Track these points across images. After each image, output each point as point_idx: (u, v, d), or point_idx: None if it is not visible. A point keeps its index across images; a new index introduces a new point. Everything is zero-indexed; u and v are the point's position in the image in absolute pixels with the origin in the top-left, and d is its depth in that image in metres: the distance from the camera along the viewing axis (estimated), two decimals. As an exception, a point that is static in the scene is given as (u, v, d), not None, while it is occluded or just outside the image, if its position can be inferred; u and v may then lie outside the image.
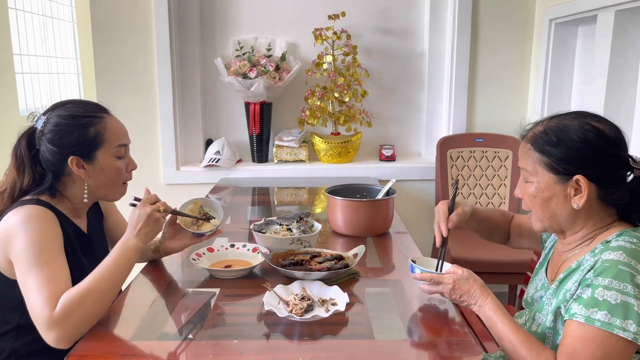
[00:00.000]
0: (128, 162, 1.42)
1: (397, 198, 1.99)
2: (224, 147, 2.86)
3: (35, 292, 1.13)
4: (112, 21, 2.75)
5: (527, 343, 1.05)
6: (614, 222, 1.13)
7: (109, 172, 1.35)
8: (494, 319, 1.11)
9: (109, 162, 1.35)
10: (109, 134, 1.34)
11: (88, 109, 1.34)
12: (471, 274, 1.19)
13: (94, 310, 1.13)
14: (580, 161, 1.08)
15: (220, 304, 1.30)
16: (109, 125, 1.34)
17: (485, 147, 2.86)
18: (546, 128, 1.13)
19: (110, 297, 1.19)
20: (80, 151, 1.30)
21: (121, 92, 2.81)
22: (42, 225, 1.22)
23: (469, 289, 1.16)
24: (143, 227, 1.27)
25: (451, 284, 1.18)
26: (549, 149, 1.10)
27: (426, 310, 1.27)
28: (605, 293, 1.00)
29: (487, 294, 1.16)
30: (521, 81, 2.92)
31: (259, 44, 2.87)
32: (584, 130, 1.08)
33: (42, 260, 1.16)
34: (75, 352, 1.05)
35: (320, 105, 2.81)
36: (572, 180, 1.09)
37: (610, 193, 1.09)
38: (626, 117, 2.14)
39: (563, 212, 1.12)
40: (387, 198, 1.85)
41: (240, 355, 1.06)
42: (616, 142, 1.09)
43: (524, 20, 2.86)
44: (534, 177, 1.13)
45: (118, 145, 1.36)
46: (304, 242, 1.58)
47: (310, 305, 1.23)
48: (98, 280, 1.17)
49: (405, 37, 2.95)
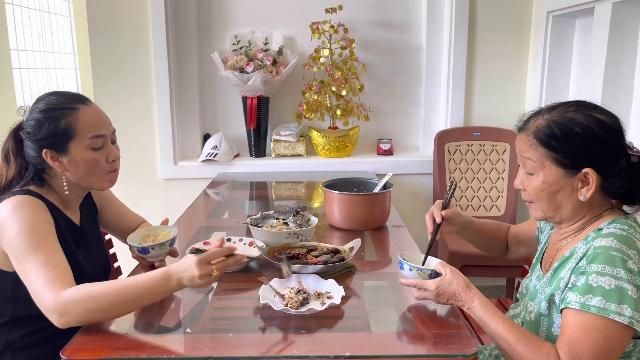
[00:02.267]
0: (108, 153, 1.34)
1: (395, 192, 2.00)
2: (222, 142, 2.85)
3: (34, 276, 1.13)
4: (109, 16, 2.74)
5: (524, 339, 1.04)
6: (606, 210, 1.14)
7: (85, 164, 1.30)
8: (485, 319, 1.10)
9: (83, 155, 1.29)
10: (81, 126, 1.28)
11: (63, 100, 1.30)
12: (454, 276, 1.16)
13: (97, 314, 1.10)
14: (588, 155, 1.08)
15: (216, 297, 1.31)
16: (81, 117, 1.29)
17: (483, 140, 2.85)
18: (550, 122, 1.11)
19: (122, 313, 1.14)
20: (52, 144, 1.27)
21: (118, 87, 2.80)
22: (31, 212, 1.21)
23: (454, 293, 1.15)
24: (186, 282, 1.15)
25: (434, 290, 1.16)
26: (555, 145, 1.10)
27: (422, 303, 1.27)
28: (599, 279, 1.01)
29: (473, 295, 1.13)
30: (519, 74, 2.91)
31: (256, 38, 2.87)
32: (590, 123, 1.08)
33: (36, 245, 1.16)
34: (71, 346, 1.05)
35: (318, 99, 2.80)
36: (581, 174, 1.09)
37: (613, 182, 1.10)
38: (623, 108, 2.14)
39: (569, 204, 1.13)
40: (384, 192, 1.85)
41: (236, 348, 1.06)
42: (618, 132, 1.10)
43: (522, 13, 2.85)
44: (541, 171, 1.12)
45: (92, 136, 1.29)
46: (300, 236, 1.58)
47: (305, 298, 1.23)
48: (121, 292, 1.11)
49: (403, 30, 2.94)
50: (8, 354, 1.28)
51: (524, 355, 1.02)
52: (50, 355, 1.26)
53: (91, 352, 1.03)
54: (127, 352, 1.03)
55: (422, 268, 1.24)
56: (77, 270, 1.20)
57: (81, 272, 1.28)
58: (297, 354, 1.03)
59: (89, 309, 1.09)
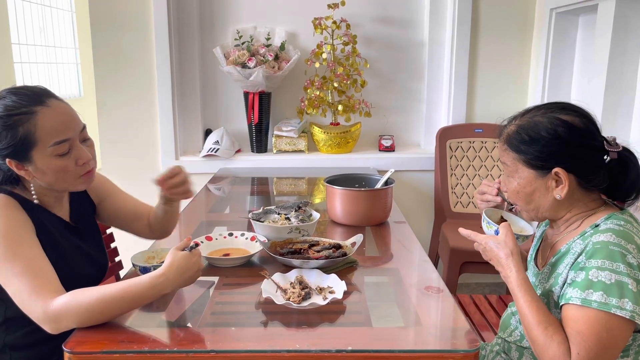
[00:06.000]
0: (77, 156, 1.21)
1: (396, 188, 2.00)
2: (223, 137, 2.85)
3: (16, 285, 1.08)
4: (111, 11, 2.74)
5: (544, 323, 1.04)
6: (600, 206, 1.15)
7: (52, 172, 1.19)
8: (517, 293, 1.10)
9: (47, 163, 1.17)
10: (41, 132, 1.15)
11: (19, 103, 1.15)
12: (504, 241, 1.15)
13: (90, 321, 1.08)
14: (555, 156, 1.11)
15: (218, 292, 1.31)
16: (40, 122, 1.14)
17: (485, 137, 2.85)
18: (518, 127, 1.17)
19: (116, 317, 1.12)
20: (13, 154, 1.15)
21: (120, 82, 2.79)
22: (3, 214, 1.14)
23: (496, 255, 1.16)
24: (189, 279, 1.15)
25: (483, 245, 1.19)
26: (524, 148, 1.14)
27: (424, 299, 1.27)
28: (599, 274, 1.02)
29: (512, 266, 1.12)
30: (521, 71, 2.91)
31: (258, 34, 2.86)
32: (554, 126, 1.12)
33: (12, 253, 1.09)
34: (73, 339, 1.05)
35: (320, 95, 2.80)
36: (552, 173, 1.12)
37: (590, 180, 1.12)
38: (626, 106, 2.14)
39: (546, 203, 1.16)
40: (385, 187, 1.85)
41: (238, 342, 1.06)
42: (586, 132, 1.12)
43: (525, 9, 2.84)
44: (515, 174, 1.18)
45: (54, 143, 1.16)
46: (302, 231, 1.58)
47: (308, 293, 1.23)
48: (109, 299, 1.07)
49: (405, 26, 2.94)
50: (7, 352, 1.25)
51: (539, 338, 1.03)
52: (50, 352, 1.24)
53: (94, 345, 1.03)
54: (130, 345, 1.03)
55: (490, 222, 1.25)
56: (67, 268, 1.16)
57: (73, 268, 1.24)
58: (299, 347, 1.03)
59: (81, 319, 1.06)
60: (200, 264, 1.17)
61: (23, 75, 5.24)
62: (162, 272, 1.11)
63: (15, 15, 5.02)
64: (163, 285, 1.10)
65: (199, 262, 1.17)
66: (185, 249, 1.17)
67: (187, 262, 1.13)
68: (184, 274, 1.13)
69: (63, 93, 5.56)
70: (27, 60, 5.23)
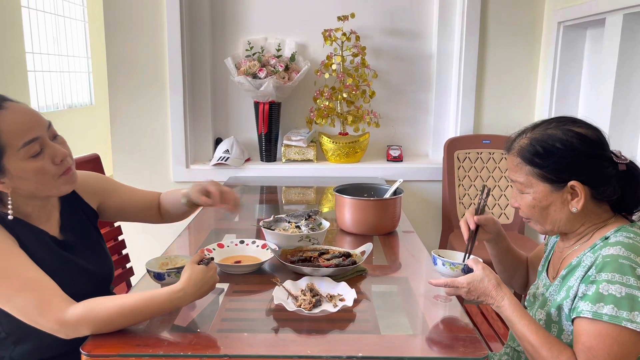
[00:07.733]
0: (53, 154, 1.16)
1: (404, 198, 2.01)
2: (233, 146, 2.89)
3: (19, 304, 1.07)
4: (125, 20, 2.79)
5: (548, 344, 1.05)
6: (610, 218, 1.16)
7: (31, 177, 1.13)
8: (513, 319, 1.11)
9: (23, 168, 1.12)
10: (7, 136, 1.09)
11: None
12: (485, 274, 1.16)
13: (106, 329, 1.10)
14: (571, 168, 1.12)
15: (228, 298, 1.33)
16: (2, 127, 1.09)
17: (493, 148, 2.87)
18: (531, 140, 1.16)
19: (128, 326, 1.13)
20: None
21: (132, 91, 2.84)
22: None
23: (484, 290, 1.15)
24: (205, 292, 1.18)
25: (466, 287, 1.17)
26: (538, 161, 1.14)
27: (432, 308, 1.29)
28: (609, 287, 1.03)
29: (503, 294, 1.14)
30: (529, 83, 2.93)
31: (268, 44, 2.90)
32: (569, 137, 1.12)
33: (3, 272, 1.07)
34: (90, 342, 1.07)
35: (329, 105, 2.83)
36: (568, 187, 1.12)
37: (603, 191, 1.13)
38: (634, 118, 2.15)
39: (562, 216, 1.16)
40: (394, 197, 1.87)
41: (250, 347, 1.08)
42: (599, 143, 1.13)
43: (533, 22, 2.87)
44: (530, 188, 1.17)
45: (24, 144, 1.11)
46: (312, 240, 1.60)
47: (318, 300, 1.25)
48: (128, 312, 1.09)
49: (414, 38, 2.97)
50: None
51: (547, 359, 1.04)
52: None
53: (110, 348, 1.06)
54: (145, 349, 1.06)
55: (455, 263, 1.26)
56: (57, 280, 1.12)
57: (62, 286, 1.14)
58: (311, 353, 1.05)
59: (99, 328, 1.08)
60: (216, 278, 1.21)
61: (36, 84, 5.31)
62: (181, 286, 1.14)
63: (30, 24, 5.11)
64: (181, 300, 1.14)
65: (215, 276, 1.21)
66: (201, 262, 1.20)
67: (204, 276, 1.17)
68: (201, 288, 1.16)
69: (75, 101, 5.64)
70: (41, 68, 5.31)
